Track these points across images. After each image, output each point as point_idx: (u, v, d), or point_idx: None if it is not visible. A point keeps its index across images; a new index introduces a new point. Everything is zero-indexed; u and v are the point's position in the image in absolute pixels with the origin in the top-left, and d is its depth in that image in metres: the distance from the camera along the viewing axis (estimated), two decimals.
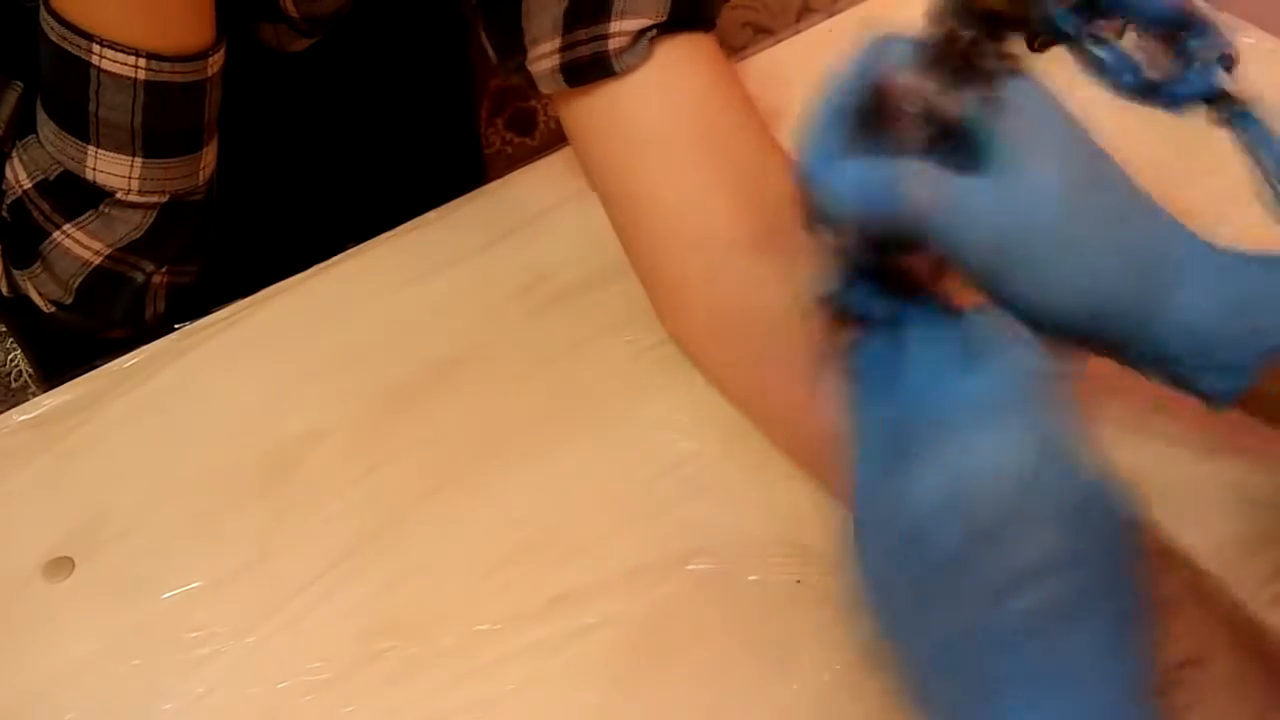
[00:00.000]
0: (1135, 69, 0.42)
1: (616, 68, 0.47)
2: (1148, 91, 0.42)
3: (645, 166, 0.48)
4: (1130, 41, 0.42)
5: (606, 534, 0.47)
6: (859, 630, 0.37)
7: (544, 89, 0.49)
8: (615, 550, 0.46)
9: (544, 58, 0.48)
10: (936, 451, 0.35)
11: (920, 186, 0.36)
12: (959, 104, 0.37)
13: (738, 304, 0.46)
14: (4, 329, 1.25)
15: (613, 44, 0.46)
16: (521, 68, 0.50)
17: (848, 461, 0.41)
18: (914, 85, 0.37)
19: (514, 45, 0.50)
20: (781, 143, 0.49)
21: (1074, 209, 0.37)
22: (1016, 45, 0.37)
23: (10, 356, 1.30)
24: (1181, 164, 0.60)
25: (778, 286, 0.45)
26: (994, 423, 0.34)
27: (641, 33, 0.46)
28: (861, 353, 0.42)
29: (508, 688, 0.43)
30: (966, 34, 0.37)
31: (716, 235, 0.46)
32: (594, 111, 0.49)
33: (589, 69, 0.47)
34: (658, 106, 0.47)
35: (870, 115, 0.38)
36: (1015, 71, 0.37)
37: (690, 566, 0.46)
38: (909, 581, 0.35)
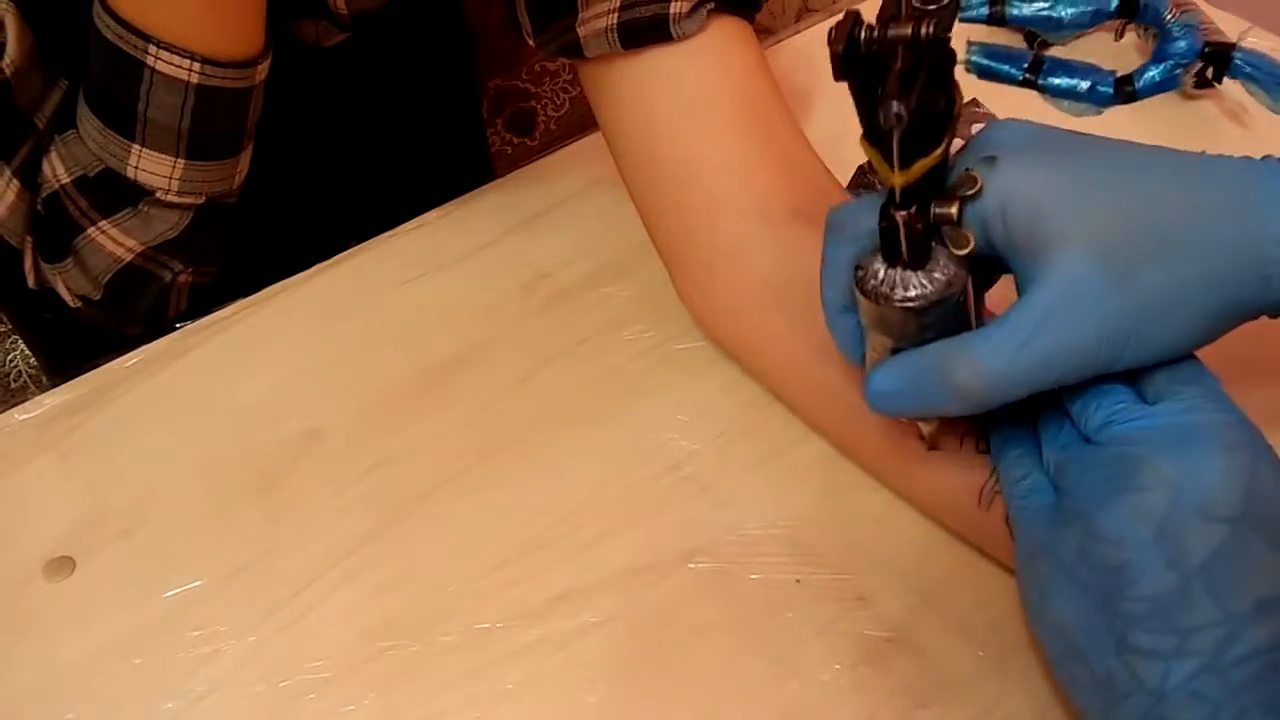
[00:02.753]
0: (1105, 74, 0.38)
1: (674, 33, 0.47)
2: (1127, 89, 0.39)
3: (689, 131, 0.48)
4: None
5: (607, 533, 0.47)
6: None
7: (590, 52, 0.49)
8: (616, 549, 0.46)
9: (600, 17, 0.48)
10: (1133, 484, 0.32)
11: (960, 369, 0.34)
12: (946, 272, 0.34)
13: (777, 272, 0.46)
14: (4, 328, 1.25)
15: (674, 8, 0.47)
16: (566, 32, 0.49)
17: (996, 497, 0.39)
18: (883, 277, 0.34)
19: (563, 8, 0.50)
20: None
21: (1122, 280, 0.33)
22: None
23: (10, 356, 1.30)
24: None
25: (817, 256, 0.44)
26: (1193, 452, 0.32)
27: (701, 2, 0.47)
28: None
29: (508, 686, 0.43)
30: (900, 213, 0.33)
31: (757, 203, 0.47)
32: (640, 75, 0.49)
33: (646, 31, 0.47)
34: (707, 74, 0.48)
35: (866, 316, 0.36)
36: (972, 197, 0.34)
37: (691, 565, 0.46)
38: (1109, 621, 0.32)
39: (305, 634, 0.44)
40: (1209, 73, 0.60)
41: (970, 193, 0.34)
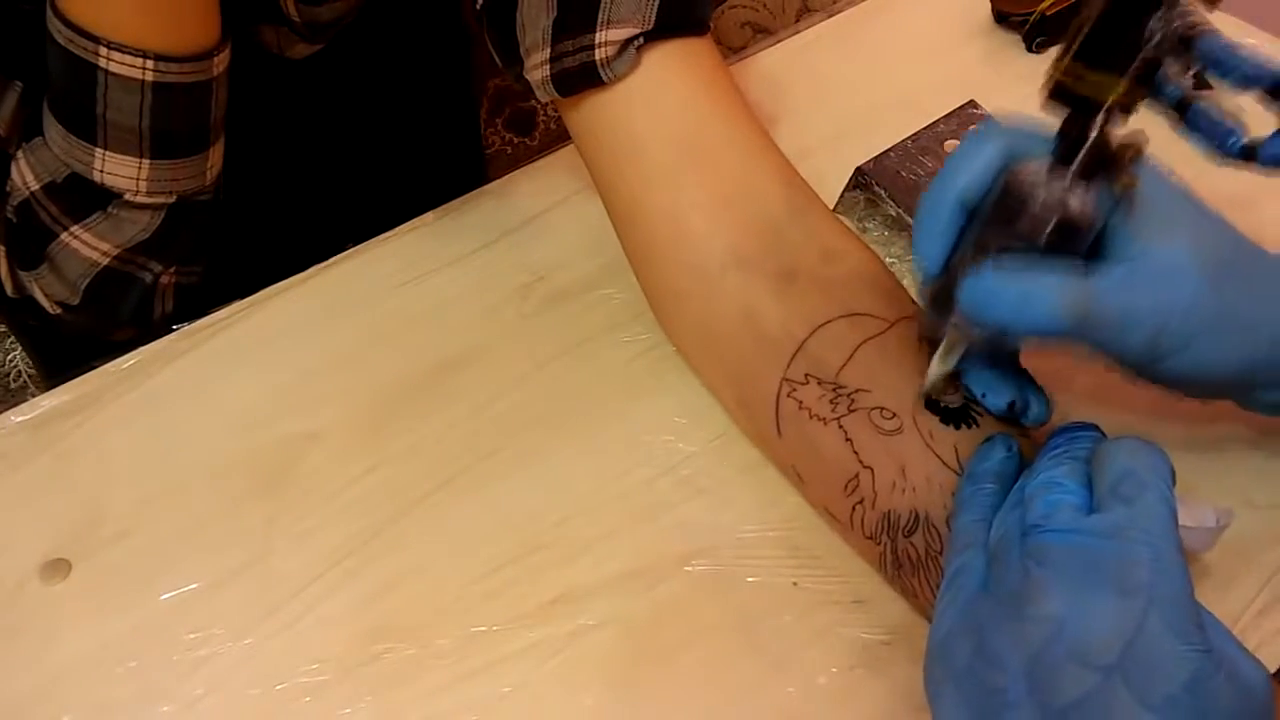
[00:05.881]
0: (1236, 132, 0.41)
1: (604, 77, 0.46)
2: (1248, 154, 0.42)
3: (631, 178, 0.48)
4: (1223, 101, 0.41)
5: (604, 535, 0.47)
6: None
7: (541, 97, 0.49)
8: (613, 551, 0.46)
9: (537, 68, 0.48)
10: (1023, 612, 0.32)
11: (1076, 300, 0.35)
12: (1093, 199, 0.36)
13: (713, 321, 0.46)
14: (4, 329, 1.25)
15: (599, 54, 0.46)
16: (521, 76, 0.50)
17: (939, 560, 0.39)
18: (1043, 179, 0.36)
19: (512, 54, 0.50)
20: (776, 146, 0.49)
21: (1213, 284, 0.36)
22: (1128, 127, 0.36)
23: (10, 356, 1.30)
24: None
25: (751, 302, 0.45)
26: (1087, 590, 0.31)
27: (628, 42, 0.46)
28: (983, 454, 0.40)
29: (505, 689, 0.43)
30: (1095, 128, 0.35)
31: (694, 250, 0.46)
32: (586, 120, 0.49)
33: (578, 78, 0.47)
34: (641, 117, 0.47)
35: (999, 209, 0.37)
36: (1138, 157, 0.36)
37: (688, 568, 0.46)
38: None
39: (302, 637, 0.44)
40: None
41: (1143, 147, 0.36)
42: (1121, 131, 0.36)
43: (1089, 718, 0.30)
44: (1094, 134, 0.35)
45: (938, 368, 0.40)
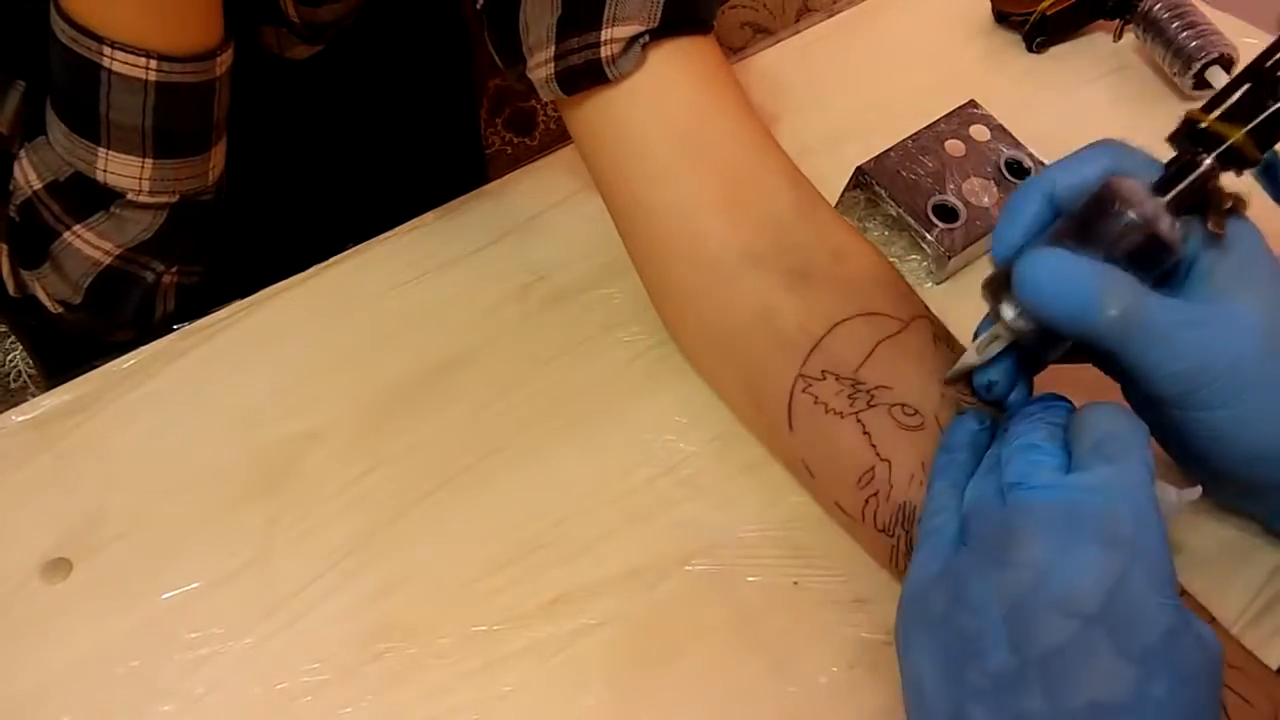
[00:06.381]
0: None
1: (610, 75, 0.46)
2: None
3: (635, 176, 0.47)
4: None
5: (605, 534, 0.47)
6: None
7: (544, 96, 0.49)
8: (614, 551, 0.46)
9: (540, 66, 0.48)
10: (1004, 558, 0.32)
11: (1121, 299, 0.35)
12: (1180, 231, 0.36)
13: (725, 318, 0.46)
14: (4, 329, 1.25)
15: (605, 51, 0.46)
16: (522, 77, 0.50)
17: (911, 525, 0.40)
18: (1141, 195, 0.36)
19: (514, 54, 0.50)
20: (779, 144, 0.49)
21: (1274, 348, 0.36)
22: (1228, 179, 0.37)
23: (10, 357, 1.30)
24: None
25: (766, 300, 0.45)
26: (1069, 541, 0.32)
27: (634, 39, 0.46)
28: (957, 426, 0.40)
29: (506, 688, 0.43)
30: (1205, 164, 0.36)
31: (704, 248, 0.46)
32: (589, 119, 0.49)
33: (583, 76, 0.47)
34: (646, 115, 0.47)
35: (1087, 211, 0.37)
36: (1236, 211, 0.37)
37: (688, 567, 0.46)
38: (953, 689, 0.33)
39: (303, 636, 0.44)
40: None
41: (1245, 204, 0.37)
42: (1227, 185, 0.36)
43: (1067, 665, 0.30)
44: (1204, 166, 0.36)
45: (972, 357, 0.40)
